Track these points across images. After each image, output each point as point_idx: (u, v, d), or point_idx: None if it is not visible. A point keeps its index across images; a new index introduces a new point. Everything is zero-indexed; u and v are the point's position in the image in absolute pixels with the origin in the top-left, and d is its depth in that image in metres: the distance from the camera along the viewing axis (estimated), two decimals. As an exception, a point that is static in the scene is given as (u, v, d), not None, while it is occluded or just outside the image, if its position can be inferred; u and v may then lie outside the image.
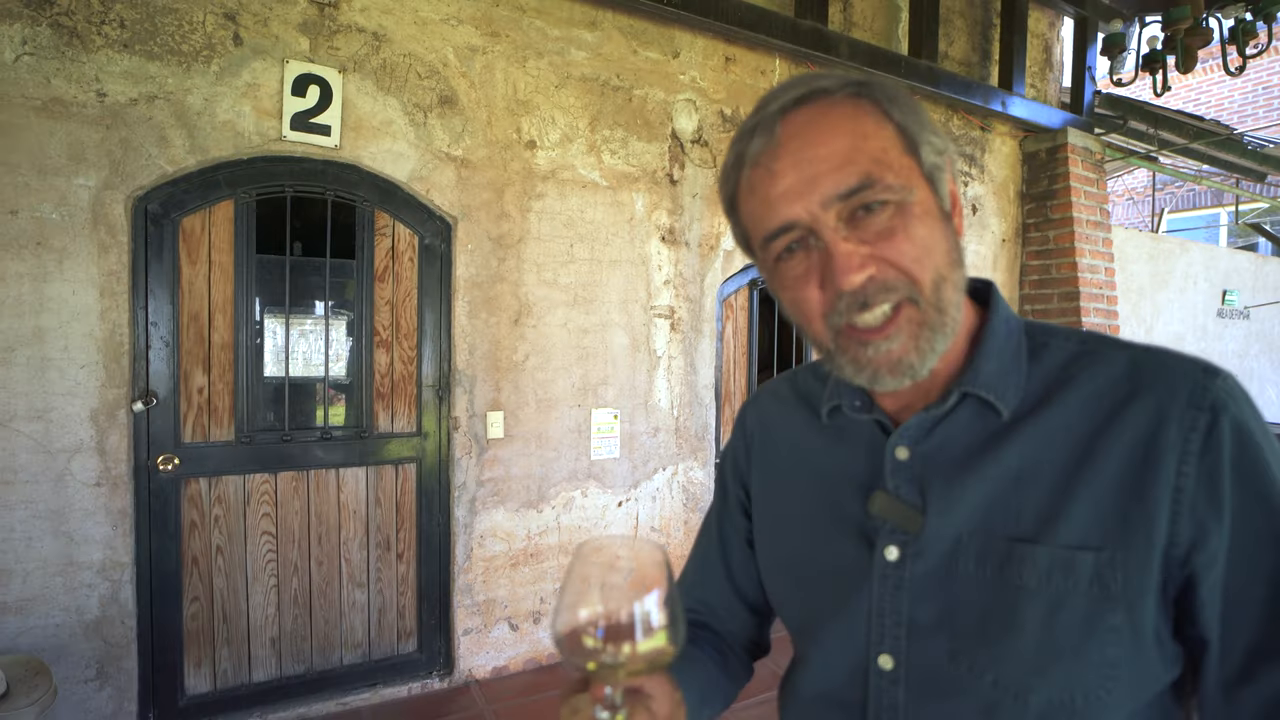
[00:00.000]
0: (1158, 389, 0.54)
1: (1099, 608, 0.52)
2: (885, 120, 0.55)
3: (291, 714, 2.62)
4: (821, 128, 0.54)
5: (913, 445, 0.61)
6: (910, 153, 0.56)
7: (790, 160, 0.54)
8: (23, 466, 2.16)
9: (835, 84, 0.56)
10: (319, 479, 2.69)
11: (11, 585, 2.16)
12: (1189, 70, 3.00)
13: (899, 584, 0.59)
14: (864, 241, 0.54)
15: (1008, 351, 0.60)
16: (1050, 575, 0.53)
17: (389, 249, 2.75)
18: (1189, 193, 9.67)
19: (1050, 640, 0.53)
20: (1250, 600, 0.51)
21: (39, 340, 2.18)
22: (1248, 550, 0.51)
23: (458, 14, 2.76)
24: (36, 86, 2.13)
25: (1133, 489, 0.53)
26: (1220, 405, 0.52)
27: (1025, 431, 0.57)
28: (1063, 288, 4.32)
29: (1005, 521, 0.56)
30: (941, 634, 0.57)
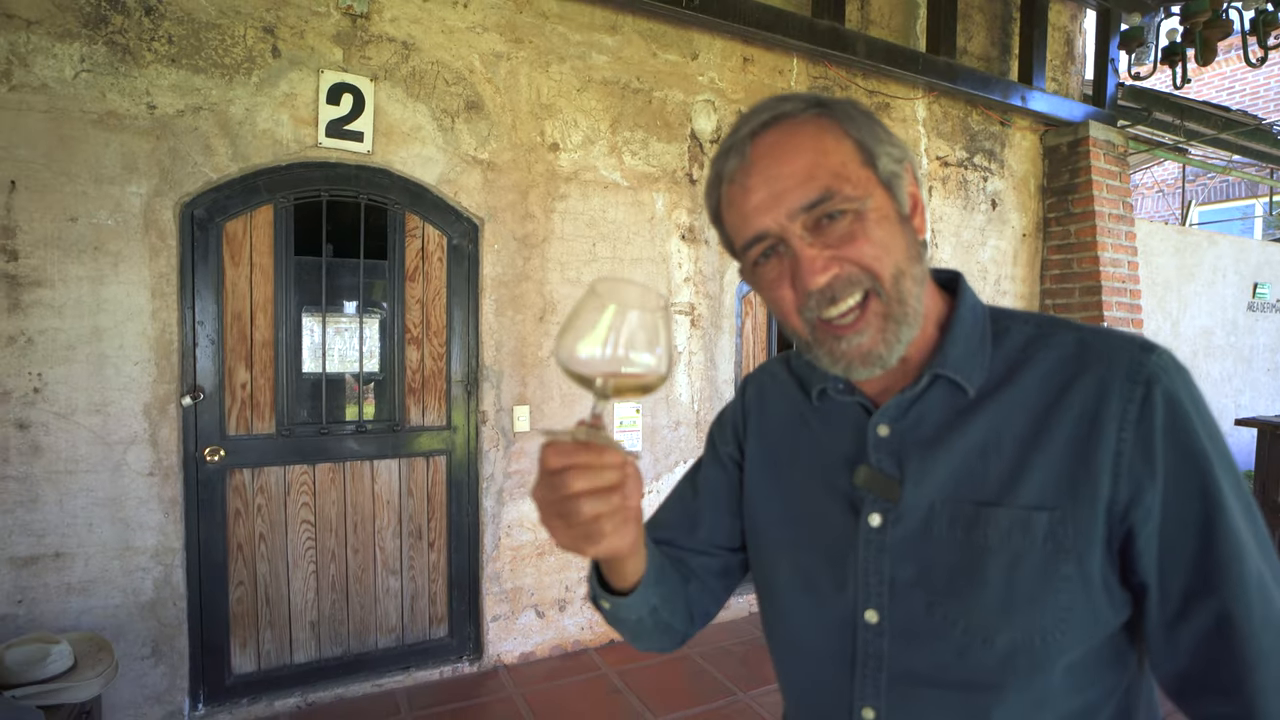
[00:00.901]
0: (1101, 366, 0.61)
1: (1053, 560, 0.59)
2: (844, 137, 0.62)
3: (330, 694, 2.75)
4: (786, 148, 0.62)
5: (892, 423, 0.68)
6: (868, 164, 0.62)
7: (760, 178, 0.62)
8: (83, 457, 2.31)
9: (799, 106, 0.63)
10: (354, 470, 2.81)
11: (75, 567, 2.31)
12: (1208, 63, 2.99)
13: (881, 547, 0.66)
14: (827, 246, 0.61)
15: (974, 336, 0.67)
16: (1010, 533, 0.61)
17: (419, 249, 2.87)
18: (1222, 184, 9.49)
19: (1011, 590, 0.60)
20: (1182, 548, 0.57)
21: (97, 339, 2.32)
22: (1178, 504, 0.57)
23: (483, 22, 2.86)
24: (93, 101, 2.27)
25: (1080, 454, 0.60)
26: (1154, 378, 0.59)
27: (989, 407, 0.65)
28: (1084, 282, 4.32)
29: (972, 488, 0.63)
30: (919, 590, 0.64)
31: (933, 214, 4.09)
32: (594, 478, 0.52)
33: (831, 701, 0.70)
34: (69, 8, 2.23)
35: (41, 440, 2.26)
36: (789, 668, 0.77)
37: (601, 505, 0.53)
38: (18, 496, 2.24)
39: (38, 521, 2.26)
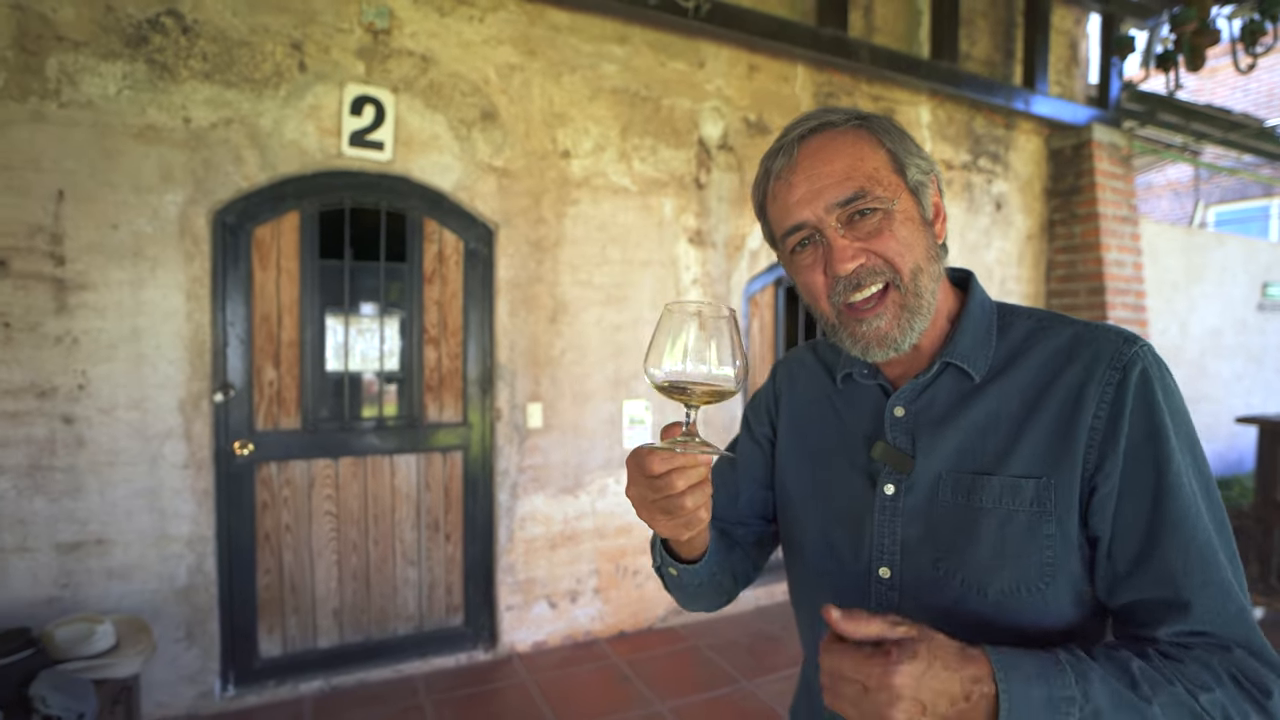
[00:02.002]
0: (1089, 354, 0.70)
1: (1037, 521, 0.68)
2: (879, 147, 0.72)
3: (352, 678, 2.88)
4: (829, 151, 0.71)
5: (907, 405, 0.77)
6: (898, 172, 0.72)
7: (803, 175, 0.72)
8: (123, 449, 2.46)
9: (842, 118, 0.74)
10: (375, 465, 2.94)
11: (115, 554, 2.45)
12: (1197, 69, 3.06)
13: (895, 513, 0.76)
14: (857, 239, 0.71)
15: (981, 329, 0.77)
16: (1001, 497, 0.70)
17: (436, 253, 3.00)
18: (1238, 184, 9.44)
19: (1002, 545, 0.69)
20: (1131, 514, 0.66)
21: (136, 339, 2.47)
22: (1134, 472, 0.66)
23: (498, 35, 2.99)
24: (134, 115, 2.42)
25: (1064, 430, 0.69)
26: (1131, 365, 0.68)
27: (991, 391, 0.74)
28: (1089, 282, 4.37)
29: (973, 460, 0.72)
30: (926, 549, 0.73)
31: (937, 216, 4.16)
32: (691, 476, 0.63)
33: None
34: (113, 29, 2.38)
35: (85, 434, 2.41)
36: (811, 621, 0.87)
37: (699, 498, 0.64)
38: (63, 486, 2.39)
39: (81, 510, 2.41)
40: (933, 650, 0.57)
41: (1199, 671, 0.60)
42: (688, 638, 3.38)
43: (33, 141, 2.31)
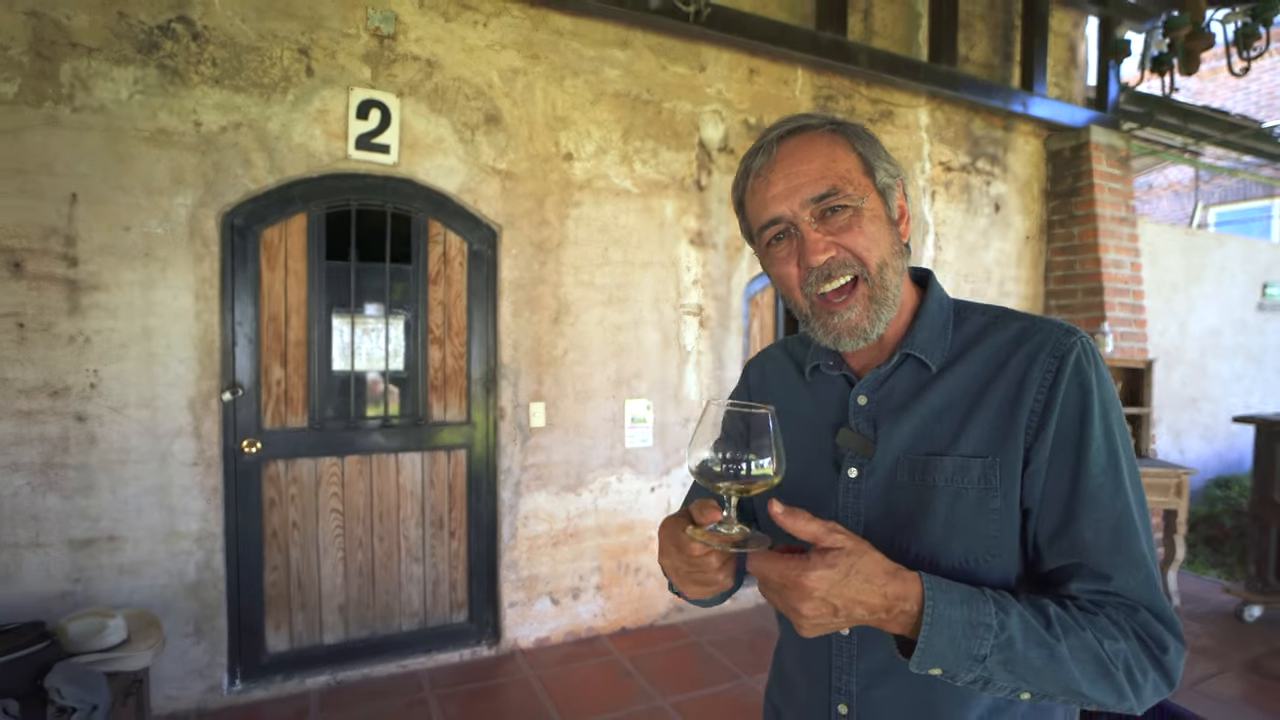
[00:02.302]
0: (1033, 344, 0.76)
1: (984, 497, 0.74)
2: (851, 150, 0.78)
3: (358, 673, 2.92)
4: (805, 151, 0.77)
5: (870, 394, 0.83)
6: (867, 174, 0.78)
7: (781, 173, 0.77)
8: (134, 448, 2.50)
9: (819, 121, 0.79)
10: (380, 463, 2.98)
11: (126, 550, 2.50)
12: (1191, 73, 3.10)
13: (858, 494, 0.81)
14: (828, 233, 0.76)
15: (938, 323, 0.82)
16: (952, 477, 0.75)
17: (441, 254, 3.04)
18: (1239, 184, 9.47)
19: (952, 520, 0.75)
20: (1056, 487, 0.73)
21: (147, 338, 2.51)
22: (1060, 451, 0.72)
23: (501, 40, 3.03)
24: (146, 120, 2.47)
25: (1008, 413, 0.75)
26: (1067, 354, 0.74)
27: (946, 380, 0.79)
28: (1087, 283, 4.41)
29: (927, 443, 0.78)
30: (885, 525, 0.79)
31: (936, 217, 4.21)
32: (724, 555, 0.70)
33: None
34: (126, 35, 2.43)
35: (97, 432, 2.46)
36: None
37: (730, 569, 0.71)
38: (76, 484, 2.43)
39: (93, 507, 2.46)
40: (854, 564, 0.64)
41: (1108, 625, 0.67)
42: (689, 634, 3.41)
43: (47, 145, 2.36)
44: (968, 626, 0.64)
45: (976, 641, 0.64)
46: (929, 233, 4.18)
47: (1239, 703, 2.83)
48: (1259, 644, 3.35)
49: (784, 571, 0.63)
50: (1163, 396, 5.22)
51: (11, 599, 2.36)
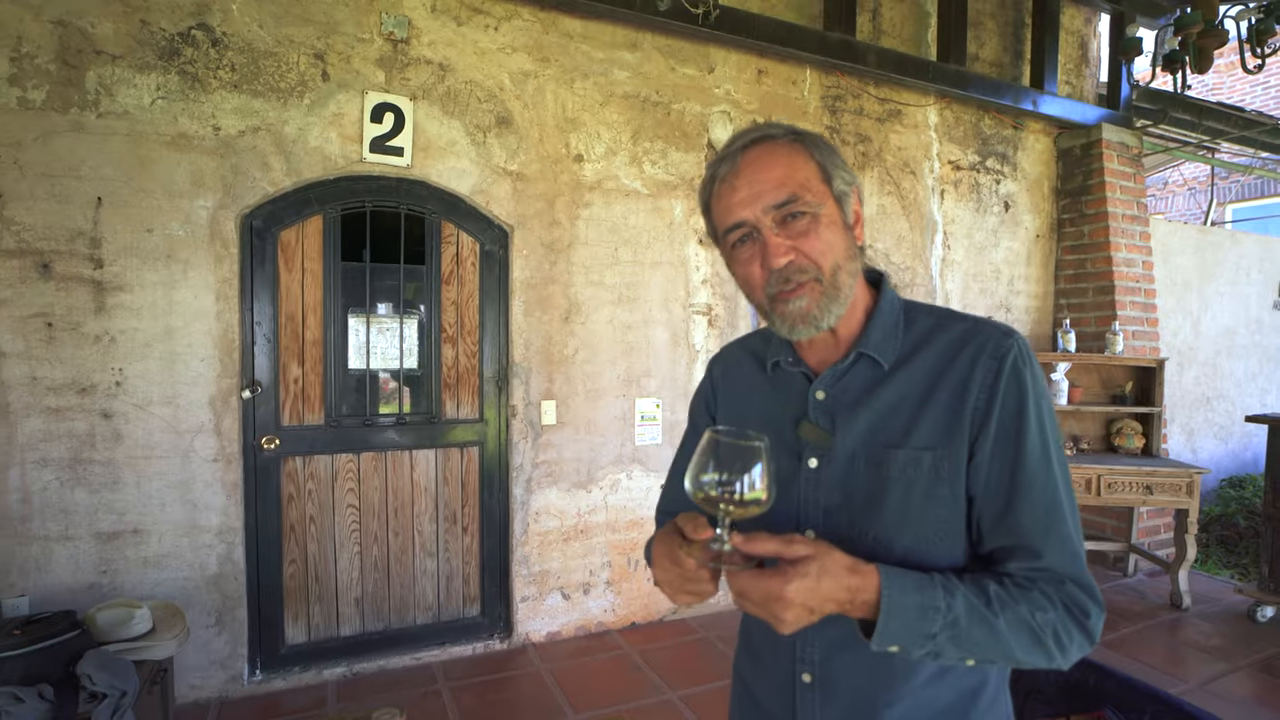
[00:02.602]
0: (975, 346, 0.83)
1: (934, 485, 0.81)
2: (810, 159, 0.83)
3: (373, 665, 2.99)
4: (767, 160, 0.82)
5: (827, 389, 0.89)
6: (825, 182, 0.83)
7: (745, 180, 0.82)
8: (157, 444, 2.58)
9: (780, 132, 0.84)
10: (394, 459, 3.05)
11: (150, 543, 2.58)
12: (1203, 71, 3.09)
13: (817, 483, 0.87)
14: (788, 238, 0.81)
15: (890, 323, 0.89)
16: (905, 467, 0.82)
17: (454, 255, 3.10)
18: (1257, 181, 9.35)
19: (905, 507, 0.81)
20: (998, 477, 0.80)
21: (169, 338, 2.59)
22: (1001, 444, 0.80)
23: (512, 43, 3.08)
24: (167, 124, 2.54)
25: (954, 409, 0.82)
26: (1006, 355, 0.81)
27: (897, 377, 0.86)
28: (1097, 282, 4.40)
29: (882, 436, 0.84)
30: (844, 512, 0.85)
31: (945, 216, 4.22)
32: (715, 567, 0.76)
33: None
34: (148, 43, 2.50)
35: (122, 429, 2.53)
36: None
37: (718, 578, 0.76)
38: (102, 479, 2.51)
39: (119, 501, 2.53)
40: (823, 567, 0.71)
41: (1039, 598, 0.76)
42: (697, 629, 3.45)
43: (73, 150, 2.43)
44: (919, 610, 0.72)
45: (927, 622, 0.72)
46: (938, 232, 4.19)
47: (1250, 702, 2.84)
48: (1271, 645, 3.34)
49: (766, 588, 0.70)
50: (1175, 396, 5.19)
51: (43, 590, 2.44)
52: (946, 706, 0.84)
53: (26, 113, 2.38)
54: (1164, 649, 3.31)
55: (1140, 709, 1.29)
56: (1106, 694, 1.37)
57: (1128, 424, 4.18)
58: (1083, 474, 3.73)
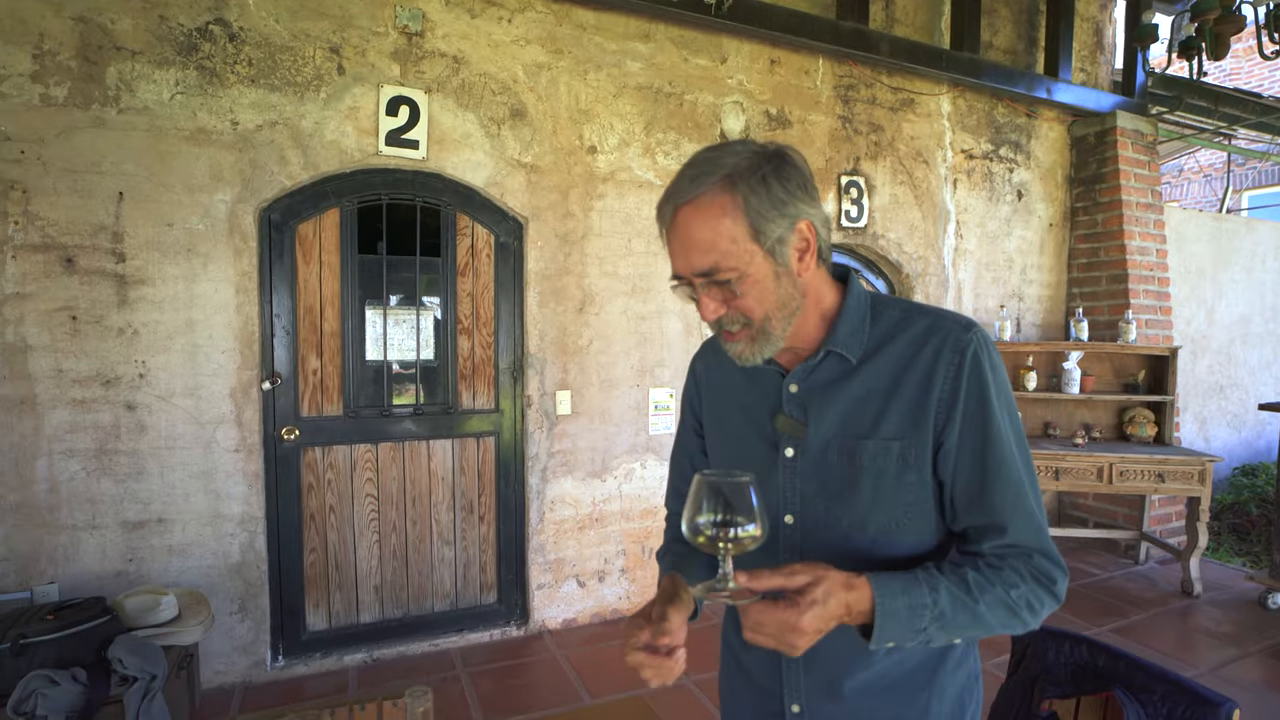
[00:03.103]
0: (938, 340, 0.88)
1: (902, 472, 0.88)
2: (740, 216, 0.81)
3: (393, 651, 3.04)
4: (694, 225, 0.82)
5: (799, 384, 0.94)
6: (755, 240, 0.82)
7: (677, 240, 0.85)
8: (180, 435, 2.62)
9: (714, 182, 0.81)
10: (412, 449, 3.08)
11: (174, 532, 2.63)
12: (1220, 57, 3.06)
13: (794, 471, 0.93)
14: (714, 297, 0.85)
15: (856, 319, 0.93)
16: (875, 457, 0.88)
17: (469, 247, 3.12)
18: (1274, 167, 9.25)
19: (876, 493, 0.88)
20: (966, 463, 0.86)
21: (190, 330, 2.62)
22: (968, 431, 0.86)
23: (525, 35, 3.09)
24: (186, 119, 2.57)
25: (920, 401, 0.87)
26: (967, 348, 0.86)
27: (865, 371, 0.91)
28: (1111, 270, 4.38)
29: (853, 427, 0.90)
30: (820, 499, 0.91)
31: (957, 205, 4.20)
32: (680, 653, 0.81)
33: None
34: (166, 38, 2.52)
35: (146, 420, 2.58)
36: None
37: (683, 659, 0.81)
38: (127, 469, 2.56)
39: (144, 491, 2.58)
40: (827, 590, 0.75)
41: (1011, 575, 0.83)
42: (710, 616, 3.49)
43: (95, 146, 2.46)
44: (909, 610, 0.78)
45: (917, 619, 0.79)
46: (950, 221, 4.18)
47: (1260, 687, 2.85)
48: (1282, 631, 3.35)
49: (781, 620, 0.74)
50: (1189, 384, 5.17)
51: (72, 577, 2.50)
52: (918, 665, 0.92)
53: (49, 109, 2.41)
54: (1175, 635, 3.32)
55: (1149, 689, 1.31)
56: (1116, 675, 1.39)
57: (1140, 412, 4.17)
58: (1095, 462, 3.73)
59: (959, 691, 0.96)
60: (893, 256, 4.01)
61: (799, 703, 0.96)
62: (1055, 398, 4.19)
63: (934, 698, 0.93)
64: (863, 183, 3.87)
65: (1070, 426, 4.32)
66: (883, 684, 0.92)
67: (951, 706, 0.95)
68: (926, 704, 0.93)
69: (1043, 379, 4.29)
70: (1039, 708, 1.48)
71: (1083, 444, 3.97)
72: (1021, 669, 1.56)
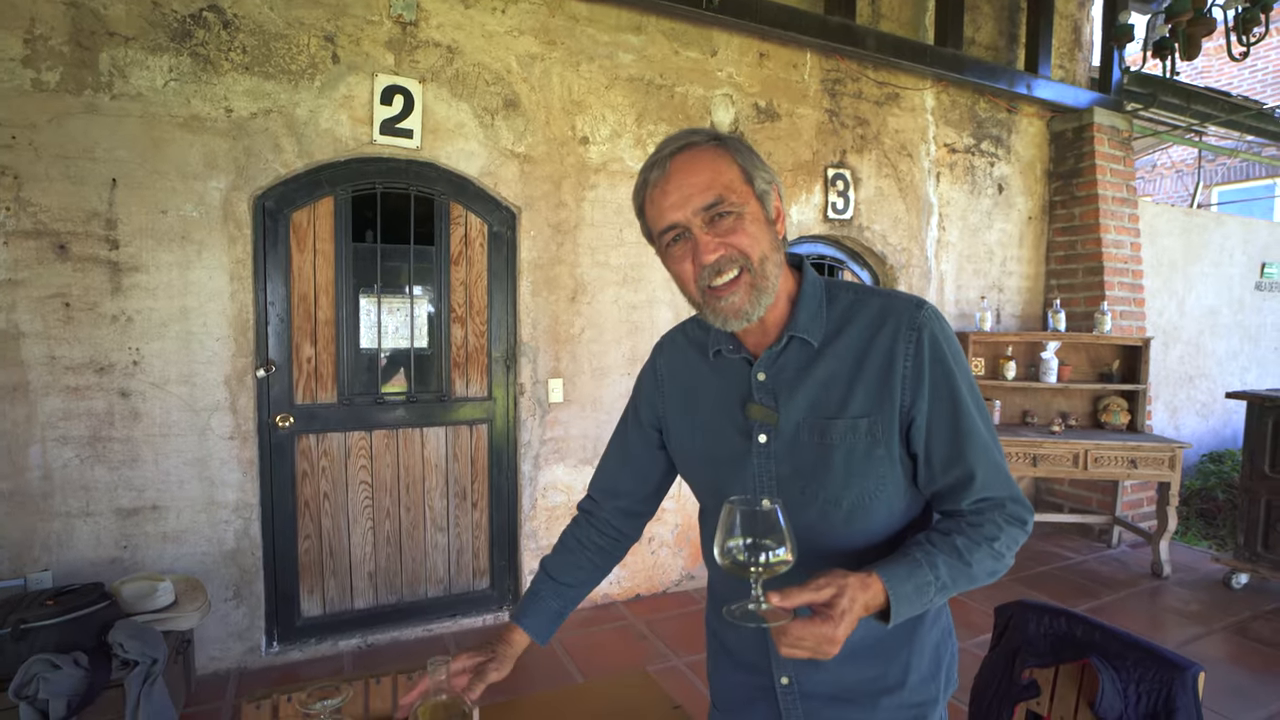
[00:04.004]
0: (894, 319, 0.93)
1: (871, 448, 0.92)
2: (733, 163, 0.90)
3: (386, 636, 3.07)
4: (694, 166, 0.88)
5: (767, 371, 0.97)
6: (747, 183, 0.90)
7: (675, 185, 0.88)
8: (175, 422, 2.63)
9: (703, 138, 0.91)
10: (406, 437, 3.11)
11: (169, 519, 2.64)
12: (1192, 58, 3.18)
13: (768, 456, 0.97)
14: (717, 235, 0.88)
15: (813, 304, 0.97)
16: (845, 434, 0.93)
17: (462, 236, 3.14)
18: (1242, 164, 9.50)
19: (848, 469, 0.93)
20: (939, 431, 0.92)
21: (184, 318, 2.63)
22: (937, 403, 0.91)
23: (519, 26, 3.11)
24: (180, 106, 2.56)
25: (883, 379, 0.92)
26: (923, 326, 0.92)
27: (828, 354, 0.95)
28: (1087, 262, 4.50)
29: (822, 408, 0.94)
30: (796, 480, 0.95)
31: (940, 198, 4.30)
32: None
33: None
34: (160, 24, 2.51)
35: (140, 407, 2.58)
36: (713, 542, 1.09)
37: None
38: (121, 456, 2.56)
39: (138, 478, 2.59)
40: (851, 597, 0.78)
41: (991, 528, 0.90)
42: (699, 600, 3.57)
43: (87, 132, 2.45)
44: (916, 591, 0.84)
45: (924, 596, 0.85)
46: (933, 214, 4.27)
47: (1224, 662, 2.99)
48: (1245, 609, 3.50)
49: (819, 634, 0.77)
50: (1160, 374, 5.33)
51: (66, 565, 2.50)
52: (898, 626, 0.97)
53: (40, 94, 2.39)
54: (1145, 615, 3.46)
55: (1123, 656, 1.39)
56: (1092, 644, 1.47)
57: (1114, 401, 4.31)
58: (1071, 449, 3.86)
59: (935, 646, 1.03)
60: (877, 248, 4.09)
61: (787, 675, 1.01)
62: (1033, 386, 4.31)
63: (914, 654, 1.00)
64: (849, 175, 3.94)
65: (1048, 414, 4.45)
66: (865, 647, 0.97)
67: (930, 660, 1.02)
68: (907, 660, 0.99)
69: (1021, 368, 4.41)
70: (1020, 677, 1.56)
71: (1059, 431, 4.09)
72: (1004, 641, 1.63)
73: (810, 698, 1.01)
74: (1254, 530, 3.72)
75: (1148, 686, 1.25)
